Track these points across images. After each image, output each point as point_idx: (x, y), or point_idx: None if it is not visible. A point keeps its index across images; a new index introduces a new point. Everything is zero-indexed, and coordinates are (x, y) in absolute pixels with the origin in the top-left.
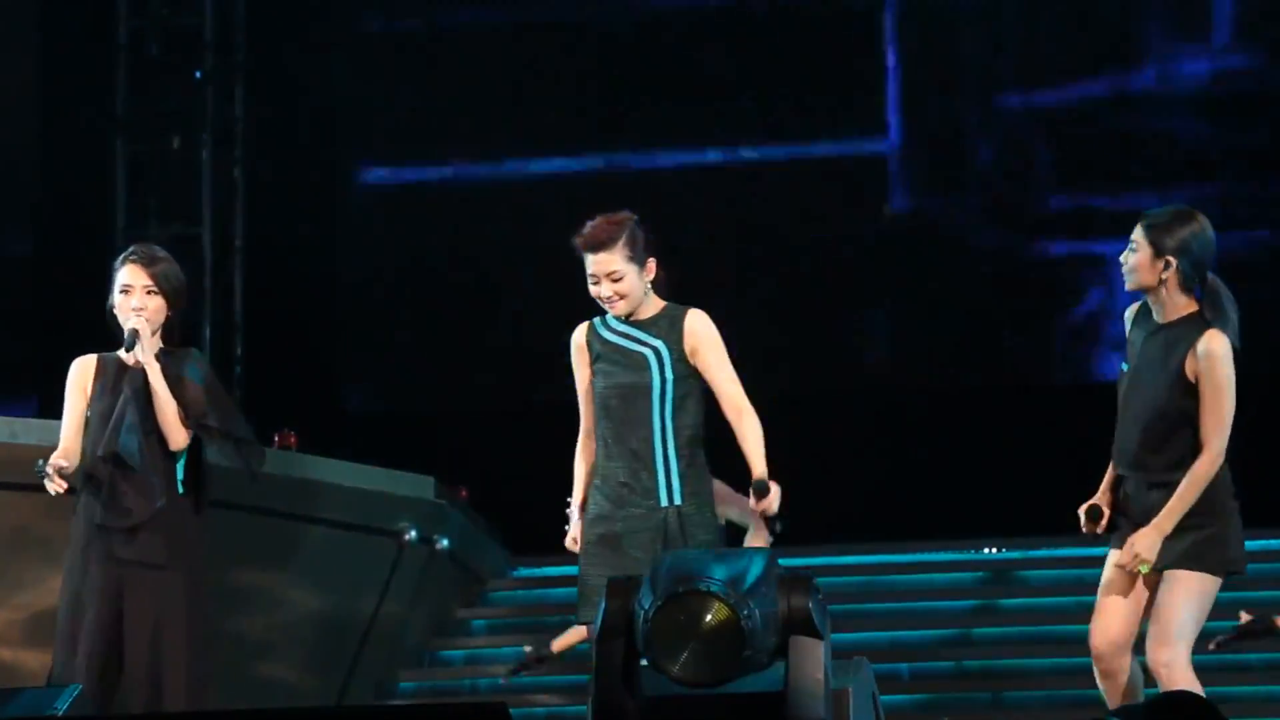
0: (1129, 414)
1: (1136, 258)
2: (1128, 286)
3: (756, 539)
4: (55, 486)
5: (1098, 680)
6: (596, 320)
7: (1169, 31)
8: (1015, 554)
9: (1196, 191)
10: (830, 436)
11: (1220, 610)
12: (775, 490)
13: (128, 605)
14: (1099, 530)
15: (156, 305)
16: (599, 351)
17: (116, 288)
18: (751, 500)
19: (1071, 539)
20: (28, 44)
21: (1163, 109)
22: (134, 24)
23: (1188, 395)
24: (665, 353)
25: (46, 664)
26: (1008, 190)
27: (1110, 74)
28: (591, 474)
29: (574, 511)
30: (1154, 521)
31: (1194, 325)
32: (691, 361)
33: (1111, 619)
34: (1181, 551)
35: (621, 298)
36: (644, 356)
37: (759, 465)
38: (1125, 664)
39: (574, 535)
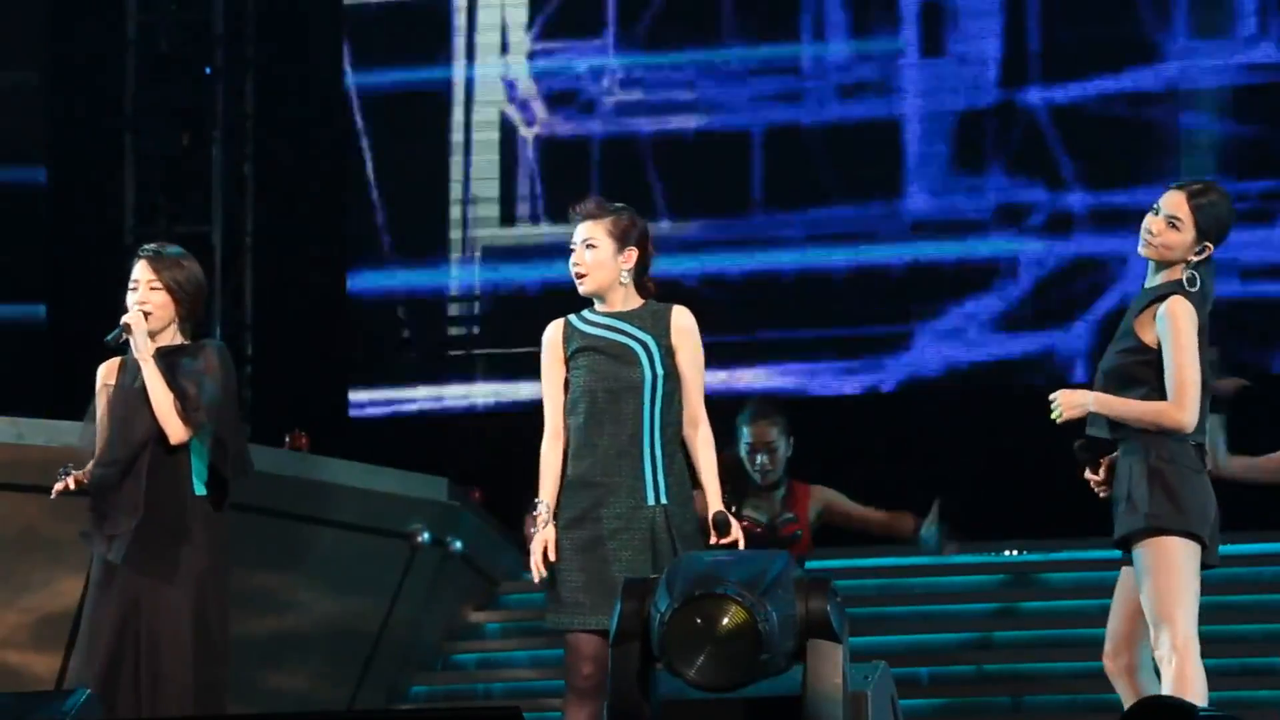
0: (1096, 374)
1: (1177, 236)
2: (1151, 254)
3: None
4: (59, 487)
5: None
6: (572, 316)
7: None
8: (1036, 556)
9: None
10: (848, 439)
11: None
12: (736, 525)
13: (132, 609)
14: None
15: (160, 302)
16: (580, 346)
17: (129, 282)
18: (713, 536)
19: (1093, 541)
20: (36, 39)
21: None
22: (143, 19)
23: (1133, 354)
24: (654, 347)
25: (54, 667)
26: None
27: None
28: (560, 474)
29: (544, 515)
30: (1088, 394)
31: (1169, 289)
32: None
33: (1112, 617)
34: (1138, 520)
35: (589, 272)
36: (633, 351)
37: (717, 497)
38: (1125, 664)
39: (546, 538)
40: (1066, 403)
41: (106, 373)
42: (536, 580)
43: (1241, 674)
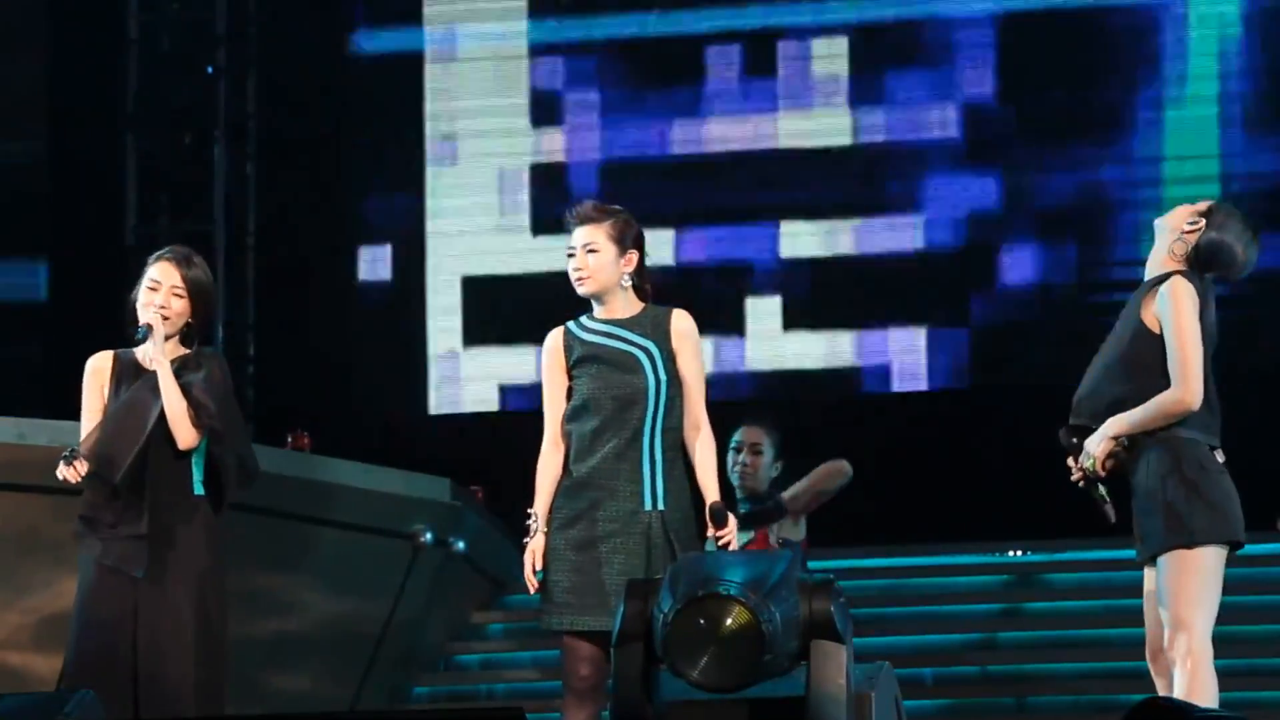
0: (1096, 363)
1: (1186, 205)
2: (1158, 221)
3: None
4: (67, 472)
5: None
6: (571, 324)
7: None
8: (1041, 557)
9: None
10: (852, 439)
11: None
12: (733, 519)
13: (130, 609)
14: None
15: (180, 308)
16: (581, 354)
17: (144, 282)
18: (710, 528)
19: (1098, 542)
20: (37, 38)
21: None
22: (145, 18)
23: (1136, 341)
24: (656, 353)
25: (56, 668)
26: None
27: None
28: (557, 483)
29: (538, 523)
30: (1102, 429)
31: (1169, 273)
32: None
33: (1148, 620)
34: (1185, 537)
35: (591, 275)
36: (636, 358)
37: (715, 490)
38: (1167, 664)
39: (535, 548)
40: (1090, 451)
41: (99, 364)
42: (531, 591)
43: (1248, 674)
